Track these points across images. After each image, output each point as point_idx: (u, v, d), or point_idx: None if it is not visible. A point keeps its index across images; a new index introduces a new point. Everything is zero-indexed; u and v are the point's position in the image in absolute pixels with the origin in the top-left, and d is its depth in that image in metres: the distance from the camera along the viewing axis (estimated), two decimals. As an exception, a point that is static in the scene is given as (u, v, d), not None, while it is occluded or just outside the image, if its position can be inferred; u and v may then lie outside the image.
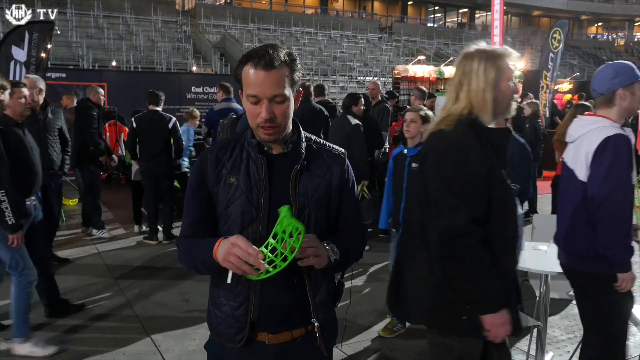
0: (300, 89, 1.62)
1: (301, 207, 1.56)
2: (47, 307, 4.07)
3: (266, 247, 1.39)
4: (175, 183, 6.78)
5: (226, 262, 1.39)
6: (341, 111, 7.21)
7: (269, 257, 1.38)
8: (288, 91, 1.52)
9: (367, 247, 2.15)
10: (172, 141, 6.18)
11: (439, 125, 1.90)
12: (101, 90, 6.51)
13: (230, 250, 1.38)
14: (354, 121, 5.68)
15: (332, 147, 1.70)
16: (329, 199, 1.62)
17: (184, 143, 6.56)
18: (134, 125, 6.18)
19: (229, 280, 1.47)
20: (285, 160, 1.59)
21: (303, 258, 1.42)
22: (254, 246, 1.37)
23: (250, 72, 1.50)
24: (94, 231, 6.38)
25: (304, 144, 1.62)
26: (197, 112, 7.63)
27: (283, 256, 1.38)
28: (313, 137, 1.70)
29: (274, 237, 1.38)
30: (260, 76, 1.48)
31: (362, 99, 6.02)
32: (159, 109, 6.21)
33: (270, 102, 1.49)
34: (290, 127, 1.61)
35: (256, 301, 1.57)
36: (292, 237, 1.37)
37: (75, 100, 7.73)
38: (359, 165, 5.61)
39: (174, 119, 6.21)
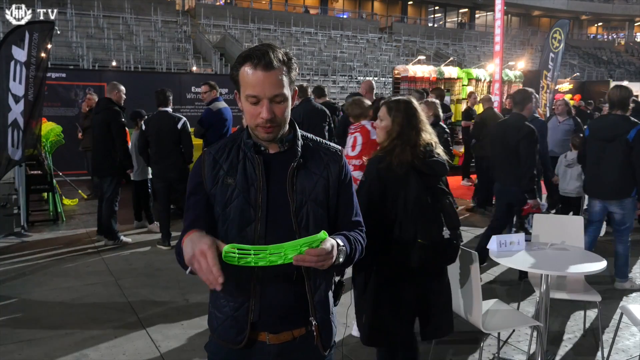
0: (296, 87, 1.63)
1: (299, 206, 1.56)
2: None
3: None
4: None
5: (190, 263, 1.34)
6: (342, 113, 7.26)
7: (240, 254, 1.34)
8: (287, 90, 1.53)
9: None
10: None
11: None
12: (122, 88, 6.15)
13: (197, 257, 1.32)
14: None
15: (329, 145, 1.70)
16: (327, 196, 1.63)
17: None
18: (143, 127, 5.96)
19: (187, 272, 1.41)
20: (282, 159, 1.59)
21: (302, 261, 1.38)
22: (217, 267, 1.30)
23: (249, 73, 1.50)
24: (106, 240, 6.09)
25: (300, 142, 1.63)
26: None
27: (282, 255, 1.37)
28: (310, 135, 1.70)
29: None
30: (259, 77, 1.49)
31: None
32: (169, 109, 5.96)
33: (271, 102, 1.50)
34: (287, 126, 1.62)
35: (256, 301, 1.57)
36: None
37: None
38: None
39: (183, 119, 5.92)
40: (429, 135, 2.54)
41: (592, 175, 4.89)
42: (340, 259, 1.49)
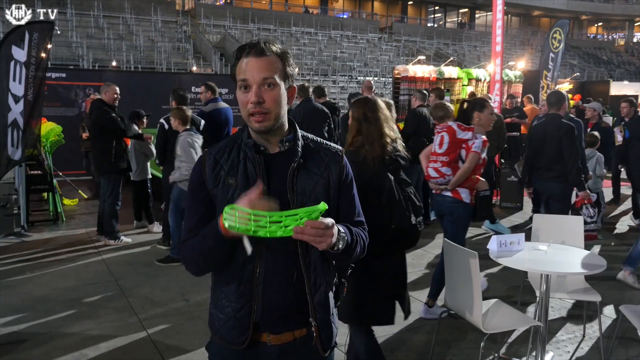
0: (294, 85, 1.63)
1: (299, 206, 1.55)
2: None
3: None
4: None
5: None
6: (344, 112, 7.29)
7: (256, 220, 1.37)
8: (279, 79, 1.53)
9: None
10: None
11: None
12: (115, 88, 6.17)
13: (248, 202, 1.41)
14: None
15: (330, 145, 1.70)
16: (328, 197, 1.62)
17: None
18: (165, 127, 5.79)
19: (249, 251, 1.46)
20: (282, 160, 1.59)
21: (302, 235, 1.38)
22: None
23: (242, 62, 1.53)
24: (106, 240, 6.11)
25: (300, 142, 1.62)
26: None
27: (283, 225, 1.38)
28: (310, 135, 1.70)
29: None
30: (250, 62, 1.52)
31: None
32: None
33: (260, 87, 1.51)
34: (286, 126, 1.62)
35: (259, 302, 1.57)
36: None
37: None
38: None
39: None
40: (392, 132, 2.75)
41: (637, 172, 5.13)
42: (340, 245, 1.49)
